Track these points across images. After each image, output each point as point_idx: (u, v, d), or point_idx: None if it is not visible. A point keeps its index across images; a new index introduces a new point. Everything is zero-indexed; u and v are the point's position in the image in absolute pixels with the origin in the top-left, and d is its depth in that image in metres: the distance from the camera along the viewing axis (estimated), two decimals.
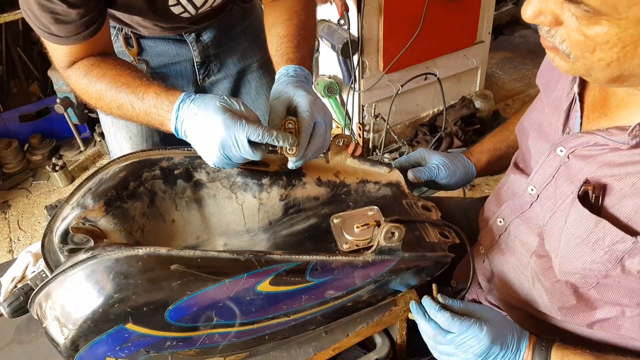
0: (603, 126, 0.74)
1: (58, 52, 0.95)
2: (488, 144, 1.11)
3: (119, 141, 1.29)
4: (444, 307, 0.82)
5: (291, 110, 0.86)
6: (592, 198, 0.71)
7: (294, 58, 0.98)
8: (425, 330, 0.82)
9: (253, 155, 0.79)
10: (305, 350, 0.87)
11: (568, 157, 0.78)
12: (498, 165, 1.08)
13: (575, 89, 0.79)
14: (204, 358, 0.74)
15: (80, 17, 0.88)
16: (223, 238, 0.91)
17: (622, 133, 0.69)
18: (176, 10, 1.05)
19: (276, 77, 0.95)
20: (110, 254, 0.66)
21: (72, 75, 0.97)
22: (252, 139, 0.78)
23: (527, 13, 0.61)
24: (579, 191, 0.73)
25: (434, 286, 0.85)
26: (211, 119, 0.78)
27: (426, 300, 0.83)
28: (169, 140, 0.87)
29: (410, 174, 0.99)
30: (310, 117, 0.84)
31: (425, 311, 0.83)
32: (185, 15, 1.08)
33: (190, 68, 1.29)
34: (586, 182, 0.73)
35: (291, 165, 0.86)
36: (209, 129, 0.78)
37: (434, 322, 0.81)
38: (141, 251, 0.66)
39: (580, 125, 0.79)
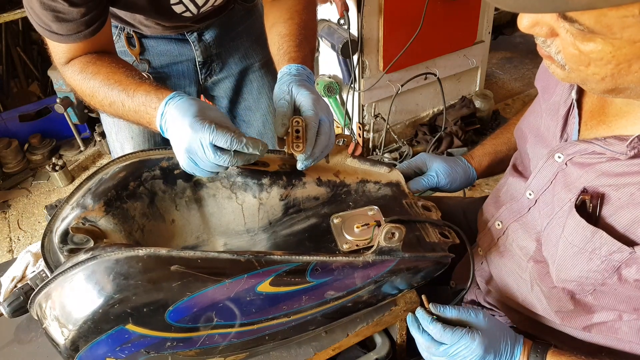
0: (601, 134, 0.74)
1: (57, 49, 0.96)
2: (489, 146, 1.11)
3: (121, 141, 1.29)
4: (437, 317, 0.82)
5: (295, 109, 0.87)
6: (590, 207, 0.71)
7: (296, 57, 0.98)
8: (419, 342, 0.82)
9: (219, 160, 0.76)
10: (305, 350, 0.87)
11: (566, 163, 0.78)
12: (499, 168, 1.08)
13: (574, 95, 0.79)
14: (204, 358, 0.74)
15: (81, 15, 0.87)
16: (223, 238, 0.91)
17: (620, 143, 0.69)
18: (178, 9, 1.05)
19: (278, 76, 0.95)
20: (111, 255, 0.65)
21: (68, 71, 0.97)
22: (218, 144, 0.75)
23: (523, 23, 0.60)
24: (576, 200, 0.73)
25: (423, 297, 0.85)
26: (180, 120, 0.78)
27: (419, 312, 0.83)
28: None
29: (408, 187, 1.00)
30: (315, 115, 0.84)
31: (419, 323, 0.83)
32: (187, 14, 1.08)
33: (192, 68, 1.29)
34: (584, 191, 0.72)
35: (300, 165, 0.85)
36: (178, 130, 0.78)
37: (427, 334, 0.81)
38: (141, 252, 0.66)
39: (579, 132, 0.79)
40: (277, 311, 0.73)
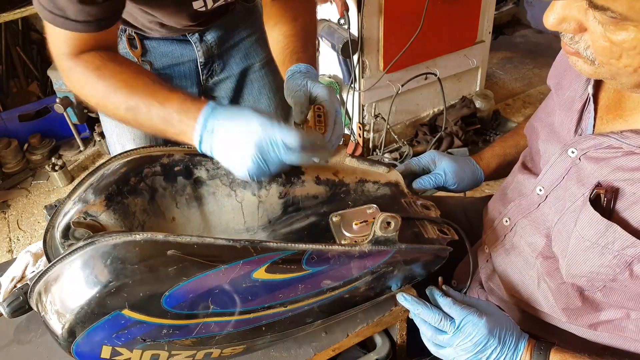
0: (617, 128, 0.74)
1: (62, 38, 0.87)
2: (498, 148, 1.11)
3: (122, 143, 1.28)
4: (447, 295, 0.83)
5: (311, 101, 0.90)
6: (604, 202, 0.71)
7: (304, 57, 0.99)
8: (427, 319, 0.82)
9: (292, 159, 0.77)
10: (305, 351, 0.87)
11: (580, 158, 0.78)
12: (507, 171, 1.08)
13: (590, 90, 0.79)
14: (201, 349, 0.74)
15: None
16: (223, 236, 0.91)
17: (637, 136, 0.69)
18: (196, 5, 1.04)
19: (288, 74, 0.96)
20: (108, 240, 0.65)
21: (79, 67, 0.88)
22: (288, 142, 0.75)
23: (550, 21, 0.59)
24: (590, 194, 0.72)
25: (440, 279, 0.86)
26: (244, 122, 0.76)
27: (431, 288, 0.85)
28: (172, 141, 0.84)
29: (414, 185, 1.00)
30: (332, 104, 0.87)
31: (418, 302, 0.83)
32: (203, 9, 1.07)
33: (194, 68, 1.29)
34: (598, 185, 0.72)
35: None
36: (243, 133, 0.76)
37: (436, 310, 0.81)
38: (138, 237, 0.66)
39: (593, 127, 0.79)
40: (273, 299, 0.73)
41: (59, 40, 0.87)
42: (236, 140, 0.77)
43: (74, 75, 0.89)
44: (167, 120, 0.82)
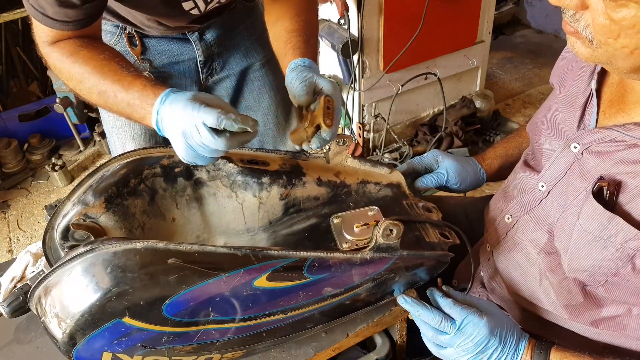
0: (620, 122, 0.74)
1: (44, 29, 0.91)
2: (501, 149, 1.12)
3: (122, 141, 1.29)
4: (447, 295, 0.83)
5: (316, 93, 0.90)
6: (607, 195, 0.71)
7: (306, 52, 0.99)
8: (427, 319, 0.82)
9: (213, 143, 0.74)
10: (305, 351, 0.87)
11: (582, 153, 0.78)
12: (509, 172, 1.08)
13: (593, 85, 0.79)
14: (201, 354, 0.74)
15: (83, 2, 0.84)
16: (223, 237, 0.91)
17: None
18: (187, 6, 1.04)
19: (291, 66, 0.96)
20: (109, 247, 0.65)
21: (55, 53, 0.93)
22: (207, 122, 0.73)
23: None
24: (593, 187, 0.73)
25: (439, 280, 0.86)
26: (175, 106, 0.78)
27: (432, 289, 0.84)
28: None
29: (417, 184, 1.00)
30: (338, 98, 0.89)
31: (419, 304, 0.83)
32: (195, 11, 1.07)
33: (193, 67, 1.29)
34: (601, 178, 0.73)
35: (325, 136, 0.86)
36: (173, 118, 0.78)
37: (436, 311, 0.81)
38: (139, 245, 0.65)
39: (596, 122, 0.79)
40: (274, 307, 0.73)
41: (40, 28, 0.92)
42: (171, 127, 0.79)
43: (51, 60, 0.94)
44: (131, 105, 0.85)
